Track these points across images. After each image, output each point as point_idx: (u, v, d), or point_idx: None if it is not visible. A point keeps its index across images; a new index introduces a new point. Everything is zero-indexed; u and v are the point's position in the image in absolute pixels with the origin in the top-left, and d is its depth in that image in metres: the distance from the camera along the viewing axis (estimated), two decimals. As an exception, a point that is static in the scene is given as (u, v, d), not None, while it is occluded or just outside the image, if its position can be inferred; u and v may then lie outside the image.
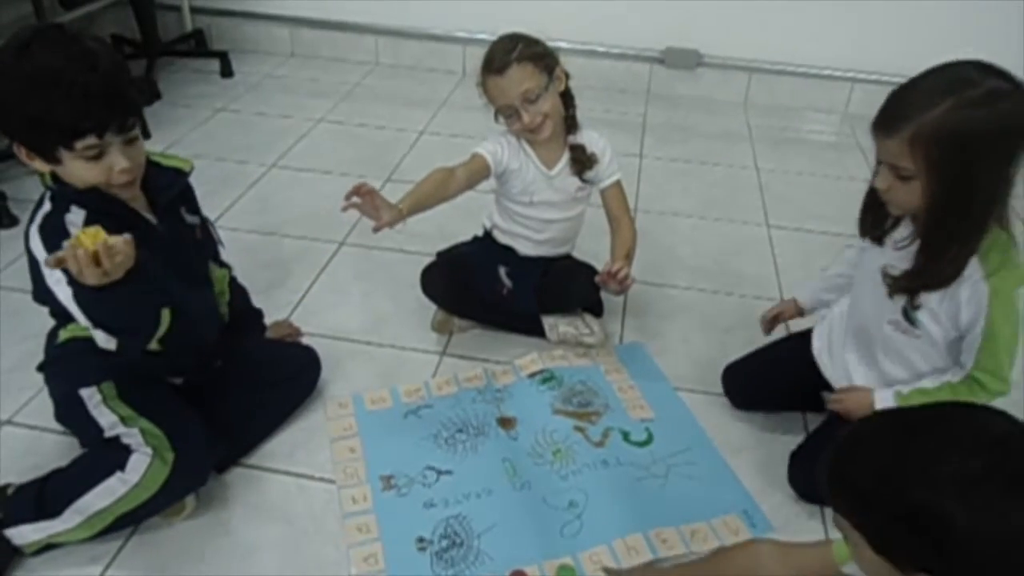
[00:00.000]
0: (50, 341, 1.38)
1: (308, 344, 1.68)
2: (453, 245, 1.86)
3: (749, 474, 1.48)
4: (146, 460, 1.24)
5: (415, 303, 1.85)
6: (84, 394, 1.30)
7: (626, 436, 1.55)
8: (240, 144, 2.69)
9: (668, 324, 1.90)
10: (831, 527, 1.31)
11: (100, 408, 1.29)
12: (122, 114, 1.14)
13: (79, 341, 1.30)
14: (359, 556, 1.30)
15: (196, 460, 1.30)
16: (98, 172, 1.16)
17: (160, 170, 1.32)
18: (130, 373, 1.32)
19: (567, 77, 1.61)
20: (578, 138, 1.67)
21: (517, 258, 1.76)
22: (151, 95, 2.96)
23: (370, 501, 1.40)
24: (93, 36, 1.17)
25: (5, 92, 1.11)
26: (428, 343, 1.80)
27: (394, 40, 3.38)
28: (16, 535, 1.24)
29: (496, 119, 1.63)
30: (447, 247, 1.86)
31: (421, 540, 1.33)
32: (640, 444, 1.54)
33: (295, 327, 1.79)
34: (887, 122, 1.15)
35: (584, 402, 1.63)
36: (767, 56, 3.11)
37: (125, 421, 1.28)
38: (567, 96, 1.63)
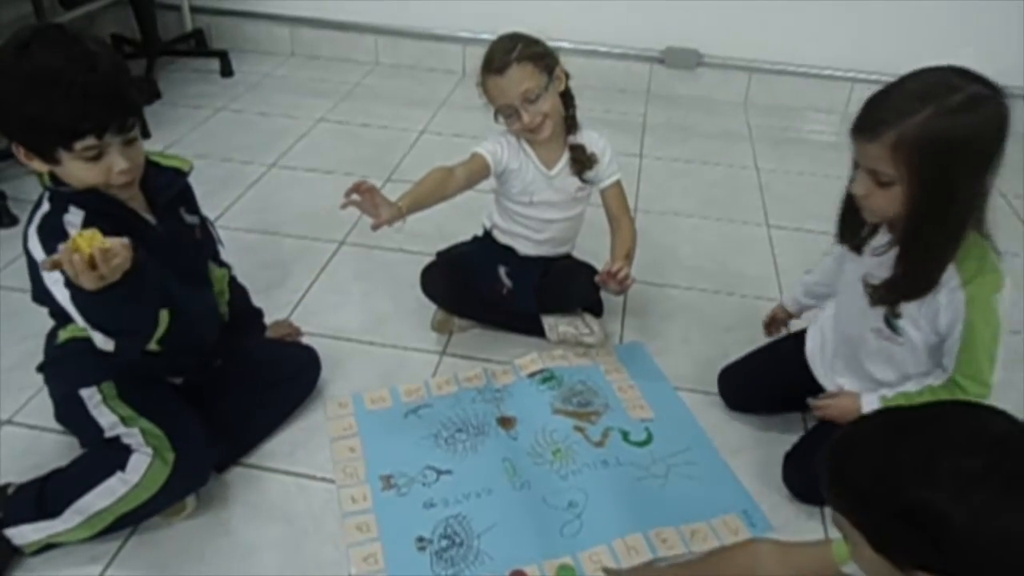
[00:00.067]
0: (50, 341, 1.38)
1: (308, 344, 1.68)
2: (453, 245, 1.86)
3: (749, 474, 1.48)
4: (146, 460, 1.24)
5: (415, 303, 1.85)
6: (84, 394, 1.30)
7: (626, 436, 1.55)
8: (240, 144, 2.69)
9: (668, 324, 1.90)
10: (830, 527, 1.31)
11: (100, 408, 1.29)
12: (122, 115, 1.14)
13: (79, 341, 1.29)
14: (359, 556, 1.30)
15: (196, 460, 1.30)
16: (97, 173, 1.15)
17: (159, 170, 1.32)
18: (130, 373, 1.32)
19: (567, 77, 1.61)
20: (578, 138, 1.67)
21: (517, 258, 1.76)
22: (151, 95, 2.96)
23: (370, 501, 1.40)
24: (93, 36, 1.16)
25: (4, 92, 1.11)
26: (428, 343, 1.80)
27: (394, 40, 3.38)
28: (16, 535, 1.24)
29: (496, 119, 1.63)
30: (447, 247, 1.86)
31: (421, 540, 1.33)
32: (640, 444, 1.54)
33: (295, 327, 1.79)
34: (869, 127, 1.14)
35: (584, 402, 1.63)
36: (767, 56, 3.11)
37: (125, 421, 1.28)
38: (567, 96, 1.63)
